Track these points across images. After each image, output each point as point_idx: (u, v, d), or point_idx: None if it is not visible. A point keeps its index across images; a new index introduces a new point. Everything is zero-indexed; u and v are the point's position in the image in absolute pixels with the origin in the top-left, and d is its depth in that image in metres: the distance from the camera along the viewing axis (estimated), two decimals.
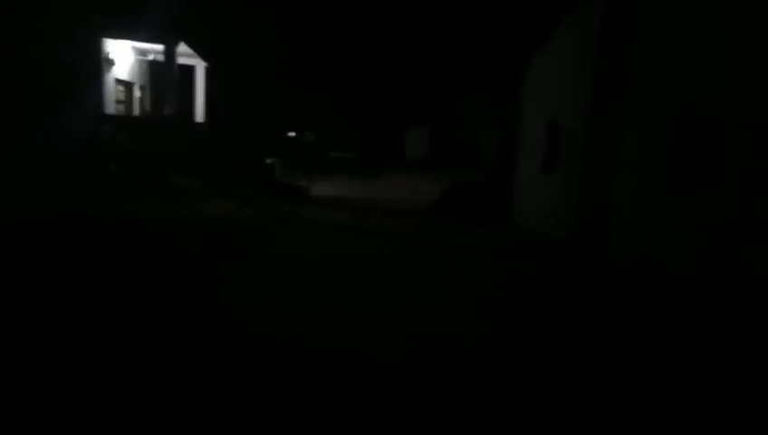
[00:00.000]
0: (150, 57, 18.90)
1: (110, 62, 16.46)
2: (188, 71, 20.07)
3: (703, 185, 5.40)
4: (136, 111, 19.12)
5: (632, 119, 6.86)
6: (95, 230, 7.74)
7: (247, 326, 4.49)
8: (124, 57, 17.55)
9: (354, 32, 29.32)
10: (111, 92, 16.71)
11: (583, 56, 7.93)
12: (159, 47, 17.04)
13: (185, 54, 18.23)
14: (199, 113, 19.39)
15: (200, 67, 19.49)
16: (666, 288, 5.85)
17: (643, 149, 6.55)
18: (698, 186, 5.48)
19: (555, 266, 7.37)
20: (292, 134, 36.35)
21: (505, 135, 14.85)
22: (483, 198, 12.22)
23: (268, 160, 17.73)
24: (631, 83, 6.91)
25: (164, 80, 17.44)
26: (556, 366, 3.93)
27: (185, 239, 7.80)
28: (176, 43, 16.74)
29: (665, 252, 6.00)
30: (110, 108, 16.45)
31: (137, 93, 19.24)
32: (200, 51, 17.96)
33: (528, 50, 10.79)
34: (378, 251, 8.05)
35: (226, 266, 6.42)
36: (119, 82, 17.47)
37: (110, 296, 4.94)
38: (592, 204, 7.54)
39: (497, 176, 13.32)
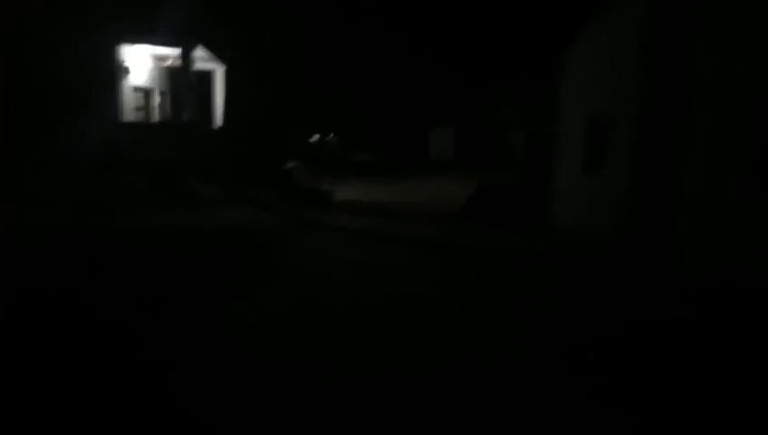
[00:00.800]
0: (169, 62, 18.59)
1: (126, 70, 16.15)
2: (208, 75, 19.73)
3: None
4: (155, 117, 18.81)
5: (698, 105, 5.97)
6: (102, 244, 7.23)
7: (258, 354, 3.84)
8: (142, 63, 17.24)
9: (375, 30, 28.71)
10: (130, 100, 16.39)
11: (631, 38, 7.10)
12: (177, 52, 16.69)
13: (204, 59, 17.86)
14: (219, 118, 19.00)
15: (219, 71, 19.12)
16: (743, 304, 5.01)
17: (715, 142, 5.67)
18: None
19: (607, 277, 6.56)
20: (314, 137, 35.95)
21: (538, 133, 14.01)
22: (516, 200, 11.40)
23: (289, 165, 17.20)
24: (697, 62, 6.02)
25: (182, 85, 17.10)
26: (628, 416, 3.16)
27: (196, 252, 7.24)
28: (192, 47, 16.36)
29: (742, 263, 5.15)
30: (128, 115, 16.13)
31: (156, 100, 18.95)
32: (217, 54, 17.56)
33: (564, 40, 9.97)
34: (406, 261, 7.35)
35: (241, 282, 5.80)
36: (137, 88, 17.16)
37: (103, 321, 4.35)
38: (645, 206, 6.70)
39: (531, 176, 12.49)
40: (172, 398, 3.18)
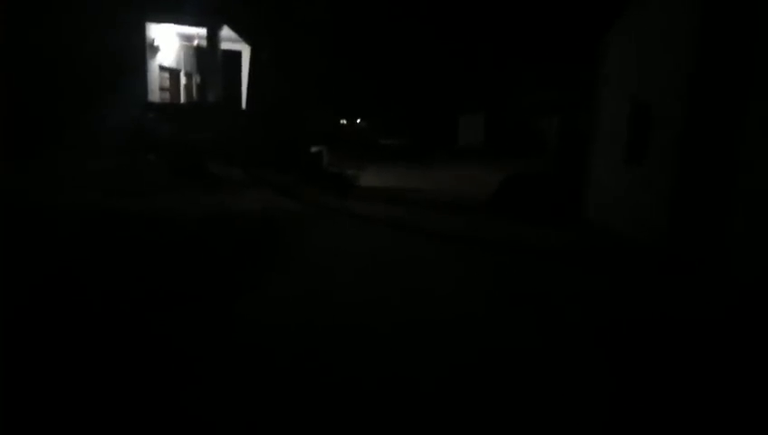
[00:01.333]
0: (195, 42, 18.43)
1: (155, 49, 16.03)
2: (236, 56, 19.50)
3: None
4: (182, 98, 18.72)
5: (759, 91, 5.40)
6: (117, 230, 7.08)
7: (269, 352, 3.58)
8: (169, 43, 17.10)
9: (404, 12, 28.05)
10: (156, 80, 16.30)
11: (682, 14, 6.52)
12: (203, 31, 16.48)
13: (232, 39, 17.62)
14: (244, 99, 18.81)
15: (246, 52, 18.88)
16: None
17: None
18: None
19: (647, 280, 6.08)
20: (342, 121, 35.64)
21: (573, 119, 13.39)
22: (548, 191, 10.86)
23: (314, 148, 16.93)
24: (757, 43, 5.44)
25: (208, 66, 16.93)
26: None
27: (211, 239, 7.02)
28: (219, 27, 16.12)
29: None
30: (155, 96, 16.04)
31: (183, 80, 18.84)
32: (244, 34, 17.29)
33: (608, 19, 9.32)
34: (427, 256, 6.98)
35: (255, 273, 5.55)
36: (163, 69, 17.05)
37: (111, 313, 4.15)
38: (693, 203, 6.17)
39: (564, 165, 11.92)
40: (186, 407, 2.93)
